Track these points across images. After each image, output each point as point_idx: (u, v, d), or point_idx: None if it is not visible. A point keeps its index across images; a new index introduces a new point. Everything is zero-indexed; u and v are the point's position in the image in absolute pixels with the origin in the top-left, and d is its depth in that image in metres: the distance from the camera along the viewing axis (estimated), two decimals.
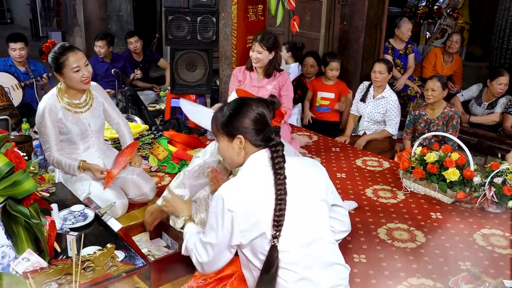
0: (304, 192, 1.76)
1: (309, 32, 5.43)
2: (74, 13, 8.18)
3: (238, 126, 1.76)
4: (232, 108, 1.79)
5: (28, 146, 3.56)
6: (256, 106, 1.77)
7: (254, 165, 1.75)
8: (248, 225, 1.67)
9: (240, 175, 1.77)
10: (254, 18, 4.27)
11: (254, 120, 1.75)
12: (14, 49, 4.64)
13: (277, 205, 1.66)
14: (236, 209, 1.66)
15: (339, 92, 4.80)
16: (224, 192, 1.70)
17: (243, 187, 1.71)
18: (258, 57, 3.73)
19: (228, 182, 1.75)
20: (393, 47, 5.44)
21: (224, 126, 1.80)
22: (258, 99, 1.85)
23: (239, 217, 1.66)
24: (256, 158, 1.75)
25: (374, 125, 4.39)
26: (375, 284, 2.36)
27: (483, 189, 3.02)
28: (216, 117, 1.84)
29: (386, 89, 4.29)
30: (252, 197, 1.69)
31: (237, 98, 1.88)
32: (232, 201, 1.66)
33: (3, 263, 1.65)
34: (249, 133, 1.75)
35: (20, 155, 1.76)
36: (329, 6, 5.17)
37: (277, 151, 1.71)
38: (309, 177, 1.80)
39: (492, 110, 4.73)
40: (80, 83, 2.76)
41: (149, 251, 2.49)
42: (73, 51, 2.73)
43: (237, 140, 1.77)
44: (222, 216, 1.68)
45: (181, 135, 4.04)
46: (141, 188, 3.05)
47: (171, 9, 4.29)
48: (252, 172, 1.75)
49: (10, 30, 11.25)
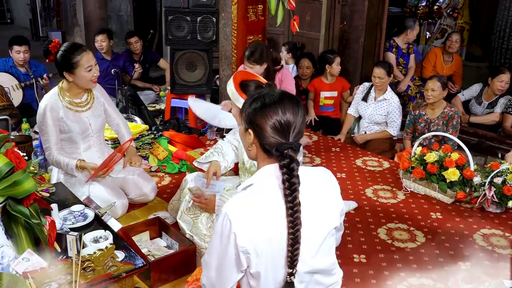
0: (317, 220, 1.57)
1: (309, 32, 5.43)
2: (74, 13, 8.18)
3: (255, 122, 1.57)
4: (263, 101, 1.58)
5: (28, 146, 3.56)
6: (285, 112, 1.54)
7: (264, 185, 1.56)
8: (256, 263, 1.52)
9: (248, 197, 1.55)
10: (254, 18, 4.27)
11: (272, 126, 1.54)
12: (18, 52, 4.65)
13: (290, 240, 1.48)
14: (247, 246, 1.49)
15: (341, 88, 4.85)
16: (235, 224, 1.49)
17: (252, 220, 1.49)
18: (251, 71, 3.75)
19: (236, 206, 1.53)
20: (398, 45, 5.43)
21: (245, 112, 1.62)
22: (297, 104, 1.59)
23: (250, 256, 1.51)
24: (267, 175, 1.56)
25: (375, 126, 4.39)
26: (375, 284, 2.36)
27: (483, 189, 3.02)
28: (247, 99, 1.66)
29: (387, 91, 4.29)
30: (261, 232, 1.49)
31: (278, 91, 1.64)
32: (242, 239, 1.48)
33: (3, 263, 1.65)
34: (261, 135, 1.56)
35: (20, 155, 1.76)
36: (329, 6, 5.17)
37: (289, 173, 1.49)
38: (324, 200, 1.61)
39: (492, 109, 4.73)
40: (90, 82, 2.81)
41: (149, 251, 2.49)
42: (85, 51, 2.78)
43: (248, 134, 1.60)
44: (227, 241, 1.51)
45: (181, 135, 4.04)
46: (141, 189, 3.05)
47: (171, 9, 4.29)
48: (261, 195, 1.54)
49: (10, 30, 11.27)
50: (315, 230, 1.56)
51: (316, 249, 1.57)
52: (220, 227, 1.52)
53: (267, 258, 1.51)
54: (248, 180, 1.62)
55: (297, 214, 1.47)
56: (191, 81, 4.52)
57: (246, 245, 1.48)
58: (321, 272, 1.62)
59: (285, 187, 1.49)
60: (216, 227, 1.54)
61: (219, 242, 1.53)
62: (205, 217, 2.62)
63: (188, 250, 2.37)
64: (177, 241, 2.50)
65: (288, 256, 1.49)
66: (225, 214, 1.51)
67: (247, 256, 1.50)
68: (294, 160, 1.51)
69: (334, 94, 4.82)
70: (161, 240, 2.62)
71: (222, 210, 1.53)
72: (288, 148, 1.51)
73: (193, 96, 3.89)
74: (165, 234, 2.60)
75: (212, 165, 2.72)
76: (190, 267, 2.35)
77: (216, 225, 1.55)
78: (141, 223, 2.66)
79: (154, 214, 2.90)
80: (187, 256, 2.36)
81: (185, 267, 2.34)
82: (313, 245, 1.56)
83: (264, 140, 1.55)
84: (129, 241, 2.08)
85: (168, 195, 3.22)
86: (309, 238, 1.53)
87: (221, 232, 1.52)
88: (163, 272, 2.28)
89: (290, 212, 1.47)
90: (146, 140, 3.96)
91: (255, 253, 1.49)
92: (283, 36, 5.73)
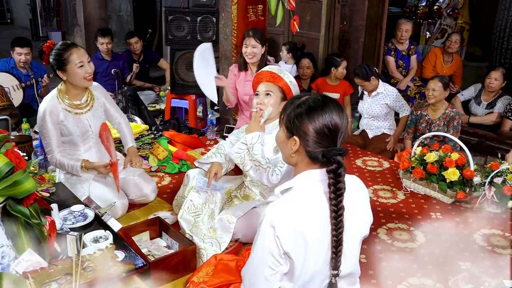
0: (352, 226, 1.57)
1: (309, 32, 5.42)
2: (74, 13, 8.18)
3: (300, 128, 1.52)
4: (308, 106, 1.52)
5: (28, 146, 3.56)
6: (332, 115, 1.50)
7: (306, 189, 1.53)
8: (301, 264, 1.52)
9: (290, 201, 1.53)
10: (254, 18, 4.27)
11: (319, 131, 1.49)
12: (20, 54, 4.65)
13: (334, 242, 1.48)
14: (291, 250, 1.49)
15: (344, 91, 4.85)
16: (278, 228, 1.47)
17: (295, 223, 1.48)
18: (254, 51, 3.71)
19: (278, 209, 1.51)
20: (396, 48, 5.45)
21: (288, 118, 1.56)
22: (341, 108, 1.56)
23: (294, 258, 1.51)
24: (311, 180, 1.53)
25: (374, 121, 4.43)
26: (375, 284, 2.36)
27: (483, 189, 3.02)
28: (288, 104, 1.60)
29: (379, 85, 4.34)
30: (304, 236, 1.48)
31: (322, 97, 1.58)
32: (286, 242, 1.47)
33: (3, 263, 1.65)
34: (308, 142, 1.51)
35: (20, 155, 1.75)
36: (329, 6, 5.16)
37: (336, 178, 1.46)
38: (358, 208, 1.61)
39: (491, 109, 4.73)
40: (84, 80, 2.78)
41: (149, 251, 2.49)
42: (76, 47, 2.76)
43: (293, 141, 1.55)
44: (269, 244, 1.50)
45: (181, 135, 4.04)
46: (142, 189, 3.05)
47: (171, 9, 4.29)
48: (304, 199, 1.52)
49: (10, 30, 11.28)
50: (351, 235, 1.57)
51: (349, 254, 1.58)
52: (262, 232, 1.50)
53: (311, 261, 1.51)
54: (287, 183, 1.59)
55: (341, 218, 1.47)
56: (191, 81, 4.51)
57: (290, 249, 1.47)
58: (348, 276, 1.63)
59: (331, 191, 1.47)
60: (259, 234, 1.52)
61: (261, 248, 1.51)
62: (207, 216, 2.63)
63: (188, 250, 2.37)
64: (177, 241, 2.50)
65: (332, 258, 1.50)
66: (268, 218, 1.49)
67: (290, 261, 1.50)
68: (342, 165, 1.48)
69: (336, 96, 4.81)
70: (161, 240, 2.62)
71: (266, 215, 1.51)
72: (338, 154, 1.48)
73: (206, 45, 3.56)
74: (165, 234, 2.60)
75: (213, 166, 2.72)
76: (190, 267, 2.35)
77: (259, 231, 1.53)
78: (141, 223, 2.66)
79: (154, 214, 2.90)
80: (187, 256, 2.36)
81: (185, 267, 2.34)
82: (347, 250, 1.55)
83: (311, 147, 1.52)
84: (129, 241, 2.08)
85: (168, 195, 3.22)
86: (346, 243, 1.52)
87: (263, 237, 1.50)
88: (163, 272, 2.28)
89: (334, 215, 1.46)
90: (146, 140, 3.96)
91: (299, 256, 1.49)
92: (283, 36, 5.72)
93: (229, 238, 2.49)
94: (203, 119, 4.94)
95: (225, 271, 2.05)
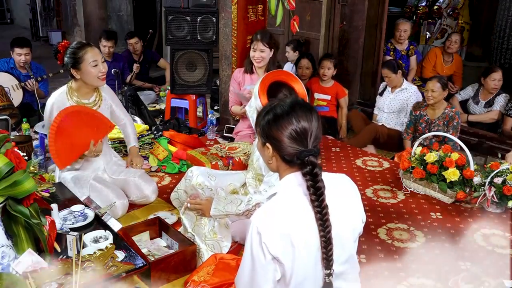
0: (344, 225, 1.59)
1: (309, 32, 5.42)
2: (74, 13, 8.19)
3: (271, 136, 1.57)
4: (275, 113, 1.57)
5: (28, 146, 3.56)
6: (299, 120, 1.53)
7: (288, 194, 1.56)
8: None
9: (274, 206, 1.55)
10: (254, 18, 4.27)
11: (289, 136, 1.53)
12: (19, 54, 4.65)
13: (323, 242, 1.49)
14: (279, 254, 1.49)
15: (336, 94, 4.80)
16: (264, 234, 1.48)
17: (281, 228, 1.49)
18: (262, 56, 3.68)
19: (262, 215, 1.52)
20: (395, 48, 5.45)
21: (259, 127, 1.63)
22: (310, 110, 1.58)
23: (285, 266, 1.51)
24: (290, 184, 1.56)
25: (394, 116, 4.59)
26: (375, 284, 2.36)
27: (483, 189, 3.02)
28: (260, 113, 1.65)
29: (404, 83, 4.55)
30: (292, 239, 1.48)
31: (289, 100, 1.61)
32: (273, 248, 1.48)
33: (3, 263, 1.66)
34: (280, 147, 1.56)
35: (20, 155, 1.76)
36: (329, 6, 5.16)
37: (313, 179, 1.49)
38: (349, 206, 1.64)
39: (490, 108, 4.73)
40: (97, 79, 2.83)
41: (149, 251, 2.49)
42: (90, 46, 2.82)
43: (266, 148, 1.60)
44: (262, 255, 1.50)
45: (181, 135, 4.04)
46: (142, 190, 3.05)
47: (171, 9, 4.29)
48: (287, 203, 1.54)
49: (10, 30, 11.27)
50: (343, 234, 1.58)
51: (342, 253, 1.58)
52: (250, 239, 1.52)
53: (302, 263, 1.51)
54: (273, 189, 1.63)
55: (327, 217, 1.49)
56: (191, 81, 4.53)
57: (278, 253, 1.48)
58: (345, 274, 1.63)
59: (311, 193, 1.49)
60: (247, 241, 1.54)
61: (250, 255, 1.52)
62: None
63: (188, 250, 2.37)
64: (177, 241, 2.50)
65: (323, 258, 1.51)
66: (253, 225, 1.50)
67: (281, 265, 1.50)
68: (316, 165, 1.51)
69: (327, 97, 4.80)
70: (161, 240, 2.62)
71: (251, 222, 1.53)
72: (309, 155, 1.51)
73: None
74: (165, 234, 2.60)
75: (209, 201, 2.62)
76: (190, 267, 2.35)
77: (247, 239, 1.54)
78: (141, 223, 2.66)
79: (154, 214, 2.90)
80: (187, 256, 2.36)
81: (185, 267, 2.34)
82: (340, 249, 1.56)
83: (283, 151, 1.55)
84: (129, 241, 2.09)
85: (168, 195, 3.21)
86: (336, 241, 1.53)
87: (251, 244, 1.51)
88: (163, 272, 2.28)
89: (319, 216, 1.48)
90: (146, 140, 3.96)
91: (288, 260, 1.49)
92: (283, 36, 5.73)
93: (229, 243, 2.49)
94: (203, 119, 4.94)
95: (226, 270, 2.05)
